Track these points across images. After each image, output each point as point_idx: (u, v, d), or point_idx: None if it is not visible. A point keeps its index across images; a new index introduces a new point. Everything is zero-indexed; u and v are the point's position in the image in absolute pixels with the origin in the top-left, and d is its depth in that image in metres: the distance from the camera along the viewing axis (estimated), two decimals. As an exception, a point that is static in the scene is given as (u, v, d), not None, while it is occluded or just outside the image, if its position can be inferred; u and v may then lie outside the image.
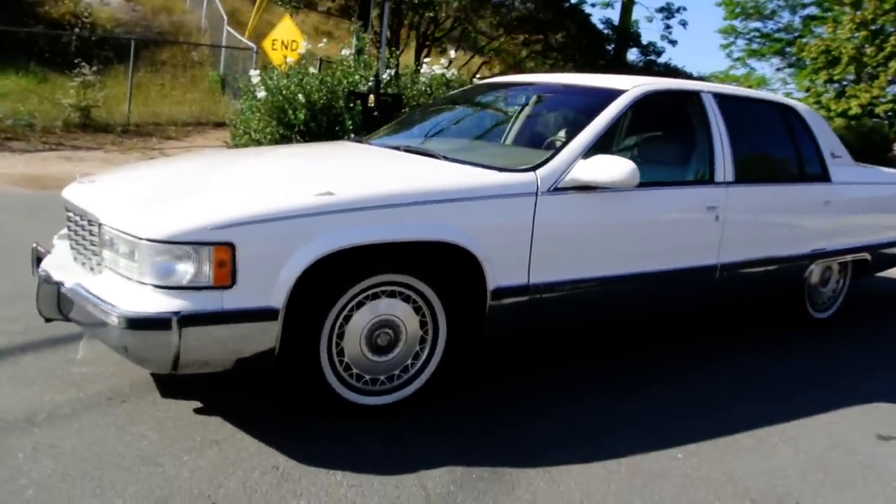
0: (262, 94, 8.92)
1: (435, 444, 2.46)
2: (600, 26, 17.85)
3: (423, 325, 2.64)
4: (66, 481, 2.10)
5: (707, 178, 3.29)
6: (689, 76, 18.88)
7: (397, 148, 3.28)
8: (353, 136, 8.87)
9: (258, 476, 2.20)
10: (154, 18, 15.94)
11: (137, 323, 2.15)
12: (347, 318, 2.49)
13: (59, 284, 2.46)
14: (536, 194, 2.73)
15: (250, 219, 2.25)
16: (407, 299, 2.59)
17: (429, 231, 2.51)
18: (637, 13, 18.91)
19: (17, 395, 2.61)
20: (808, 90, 15.60)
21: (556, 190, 2.78)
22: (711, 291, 3.42)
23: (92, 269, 2.52)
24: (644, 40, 18.65)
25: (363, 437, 2.46)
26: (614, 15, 19.75)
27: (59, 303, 2.48)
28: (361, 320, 2.51)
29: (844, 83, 14.71)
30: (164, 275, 2.19)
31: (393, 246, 2.45)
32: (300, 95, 8.84)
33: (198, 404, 2.64)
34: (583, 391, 3.00)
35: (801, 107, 3.97)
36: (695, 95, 3.42)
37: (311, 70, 9.21)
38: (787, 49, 20.42)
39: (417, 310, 2.62)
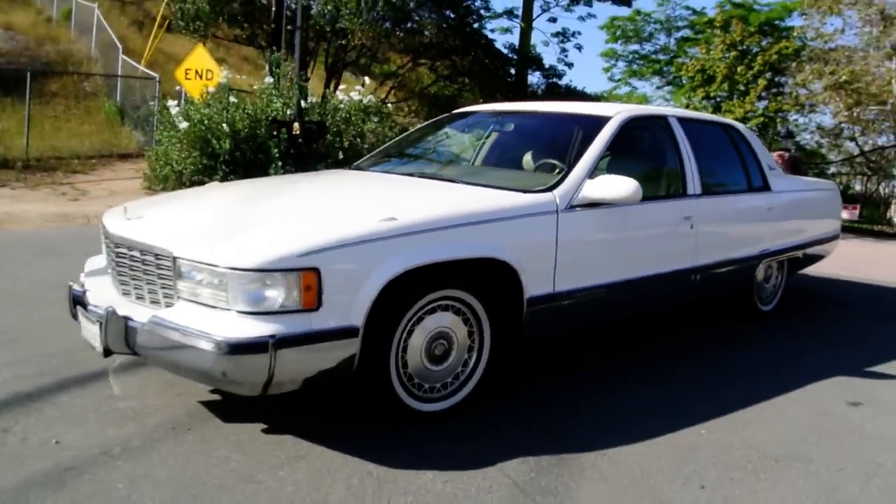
0: (183, 124, 8.81)
1: (498, 441, 2.71)
2: (504, 51, 18.75)
3: (470, 334, 2.90)
4: (184, 504, 2.19)
5: (681, 192, 3.76)
6: (590, 97, 20.13)
7: (411, 175, 3.52)
8: (282, 165, 8.93)
9: (358, 482, 2.37)
10: (39, 48, 15.16)
11: (238, 348, 2.27)
12: (410, 332, 2.70)
13: (126, 319, 2.53)
14: (557, 212, 3.07)
15: (332, 245, 2.43)
16: (457, 312, 2.84)
17: (478, 249, 2.77)
18: (534, 38, 19.98)
19: (76, 433, 2.62)
20: (686, 106, 17.01)
21: (572, 208, 3.13)
22: (690, 291, 3.88)
23: (156, 301, 2.60)
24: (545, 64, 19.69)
25: (433, 441, 2.67)
26: (514, 40, 20.73)
27: (126, 337, 2.53)
28: (422, 333, 2.73)
29: (719, 99, 16.18)
30: (256, 301, 2.33)
31: (448, 264, 2.70)
32: (224, 125, 8.82)
33: (262, 426, 2.75)
34: (600, 386, 3.35)
35: (740, 126, 4.57)
36: (663, 119, 3.90)
37: (233, 99, 9.19)
38: (665, 69, 22.21)
39: (466, 321, 2.87)
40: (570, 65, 26.19)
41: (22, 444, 2.52)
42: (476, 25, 15.61)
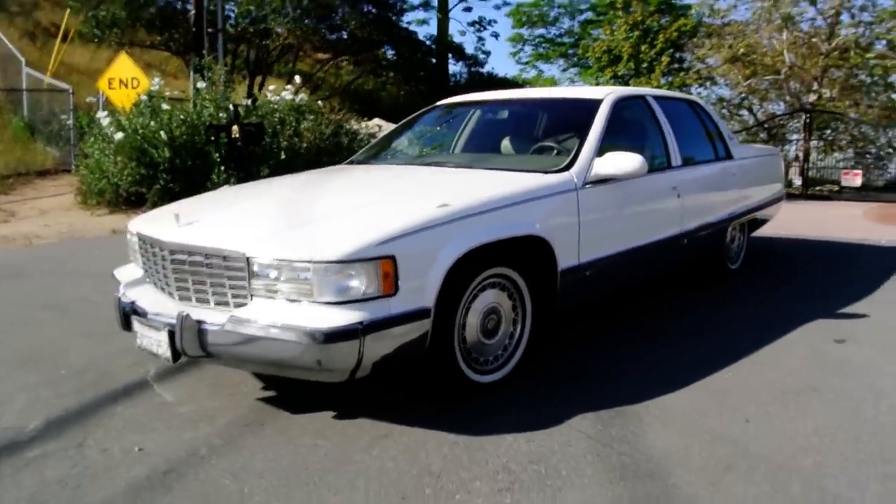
0: (118, 135, 8.53)
1: (556, 402, 2.93)
2: (426, 42, 18.88)
3: (513, 308, 3.10)
4: (297, 490, 2.29)
5: (667, 165, 4.09)
6: (513, 84, 20.52)
7: (428, 164, 3.67)
8: (224, 169, 8.78)
9: (449, 451, 2.53)
10: (-75, 66, 14.11)
11: (332, 336, 2.38)
12: (468, 310, 2.88)
13: (200, 322, 2.58)
14: (577, 190, 3.31)
15: (403, 232, 2.58)
16: (503, 288, 3.03)
17: (521, 228, 2.98)
18: (451, 28, 20.26)
19: (154, 440, 2.65)
20: (596, 86, 17.79)
21: (587, 184, 3.38)
22: (681, 254, 4.23)
23: (223, 303, 2.65)
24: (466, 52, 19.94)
25: (498, 410, 2.86)
26: (432, 31, 20.90)
27: (201, 339, 2.58)
28: (476, 310, 2.91)
29: (627, 77, 16.98)
30: (341, 291, 2.45)
31: (496, 243, 2.88)
32: (162, 133, 8.60)
33: (331, 413, 2.86)
34: (628, 346, 3.66)
35: (700, 100, 4.96)
36: (643, 98, 4.21)
37: (165, 106, 8.96)
38: (571, 51, 23.01)
39: (510, 296, 3.07)
40: (487, 53, 26.67)
41: (105, 456, 2.54)
42: (395, 19, 15.72)
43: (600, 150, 3.52)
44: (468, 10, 19.83)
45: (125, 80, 9.62)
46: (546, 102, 4.24)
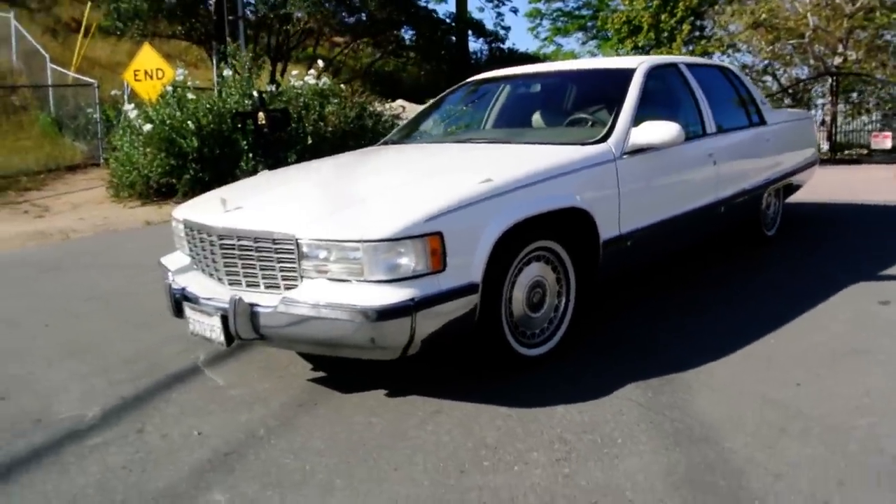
0: (147, 127, 8.62)
1: (605, 372, 2.95)
2: (446, 20, 18.72)
3: (557, 281, 3.11)
4: (357, 467, 2.34)
5: (701, 132, 4.05)
6: (534, 59, 20.33)
7: (465, 141, 3.68)
8: (252, 157, 8.84)
9: (503, 423, 2.56)
10: (-48, 64, 14.33)
11: (386, 313, 2.42)
12: (513, 284, 2.90)
13: (252, 305, 2.62)
14: (615, 160, 3.30)
15: (449, 208, 2.59)
16: (547, 261, 3.05)
17: (563, 200, 2.98)
18: (470, 5, 20.15)
19: (211, 423, 2.72)
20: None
21: (625, 155, 3.36)
22: (718, 222, 4.20)
23: (273, 286, 2.69)
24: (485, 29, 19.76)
25: (548, 383, 2.88)
26: (450, 9, 20.65)
27: (254, 322, 2.63)
28: (522, 283, 2.93)
29: (648, 48, 16.79)
30: (392, 269, 2.48)
31: (540, 217, 2.89)
32: (189, 123, 8.68)
33: (383, 391, 2.90)
34: (668, 315, 3.66)
35: (733, 67, 4.89)
36: (675, 66, 4.17)
37: (191, 96, 9.02)
38: (589, 24, 22.77)
39: (554, 269, 3.08)
40: (507, 28, 26.42)
41: (165, 441, 2.60)
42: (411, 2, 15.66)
43: (636, 120, 3.50)
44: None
45: (150, 71, 9.70)
46: (577, 74, 4.22)
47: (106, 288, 4.95)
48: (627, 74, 3.76)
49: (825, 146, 13.96)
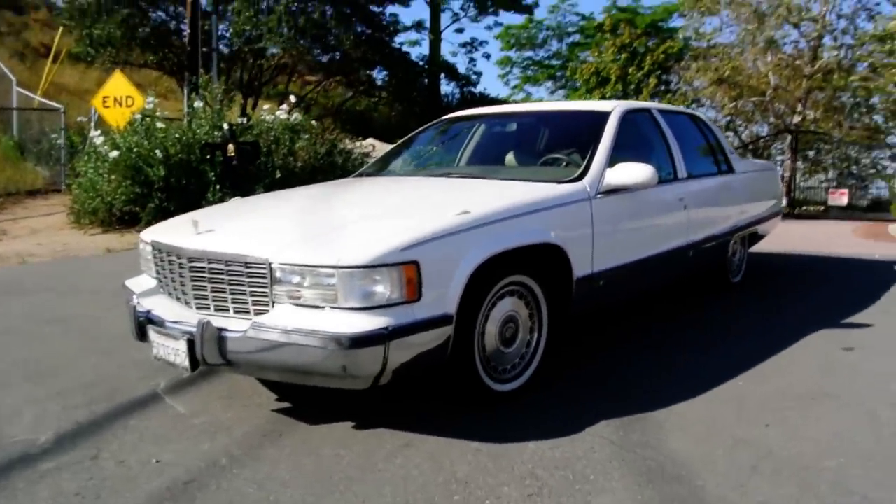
0: (114, 153, 8.50)
1: (575, 410, 2.93)
2: (419, 63, 19.04)
3: (530, 316, 3.10)
4: (324, 498, 2.26)
5: (673, 177, 4.13)
6: (505, 103, 20.75)
7: (440, 176, 3.69)
8: (220, 188, 8.75)
9: (473, 458, 2.51)
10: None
11: (359, 341, 2.37)
12: (487, 318, 2.87)
13: (220, 330, 2.56)
14: (590, 199, 3.34)
15: (426, 238, 2.58)
16: (521, 296, 3.04)
17: (539, 235, 3.00)
18: (443, 49, 20.54)
19: (171, 451, 2.62)
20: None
21: (599, 194, 3.40)
22: (688, 266, 4.26)
23: (243, 311, 2.64)
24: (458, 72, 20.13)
25: (517, 419, 2.85)
26: (424, 51, 21.03)
27: (221, 347, 2.56)
28: (495, 318, 2.91)
29: (615, 99, 17.21)
30: (367, 297, 2.44)
31: (515, 251, 2.89)
32: (157, 152, 8.59)
33: (350, 424, 2.83)
34: (640, 357, 3.65)
35: (703, 116, 5.03)
36: (648, 111, 4.27)
37: (160, 125, 8.95)
38: (559, 74, 23.31)
39: (527, 304, 3.07)
40: (479, 73, 26.98)
41: (122, 467, 2.49)
42: (387, 39, 15.86)
43: (611, 162, 3.56)
44: (460, 31, 20.21)
45: (120, 98, 9.61)
46: (553, 115, 4.29)
47: (65, 312, 4.80)
48: (603, 117, 3.83)
49: (783, 202, 14.39)
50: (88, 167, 8.95)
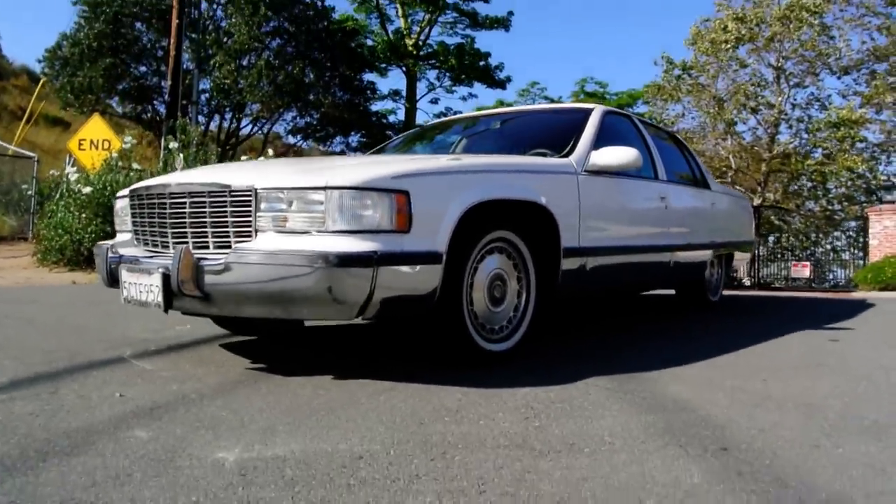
0: (87, 189, 8.38)
1: (567, 370, 2.81)
2: (396, 127, 19.46)
3: (518, 280, 3.02)
4: (304, 419, 2.10)
5: (654, 177, 4.17)
6: None
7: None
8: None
9: (462, 396, 2.36)
10: None
11: (346, 260, 2.26)
12: (475, 270, 2.79)
13: (199, 258, 2.44)
14: (577, 174, 3.34)
15: (418, 172, 2.54)
16: (509, 255, 2.97)
17: (528, 193, 2.96)
18: (419, 117, 21.06)
19: (135, 391, 2.43)
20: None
21: (585, 172, 3.41)
22: (668, 269, 4.23)
23: (224, 245, 2.52)
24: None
25: (509, 375, 2.72)
26: (399, 118, 21.44)
27: (198, 280, 2.43)
28: (483, 273, 2.83)
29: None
30: (356, 219, 2.35)
31: (503, 206, 2.85)
32: (130, 190, 8.42)
33: (329, 376, 2.67)
34: (627, 340, 3.55)
35: (678, 135, 5.15)
36: (629, 117, 4.36)
37: (136, 166, 8.89)
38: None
39: (515, 266, 3.00)
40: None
41: (81, 399, 2.30)
42: (365, 106, 16.24)
43: (595, 147, 3.59)
44: (435, 101, 20.81)
45: (96, 141, 9.55)
46: (537, 113, 4.36)
47: (28, 314, 4.56)
48: (587, 112, 3.90)
49: (748, 282, 14.55)
50: (59, 205, 8.77)
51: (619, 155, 3.45)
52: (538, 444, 1.85)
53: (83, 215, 8.46)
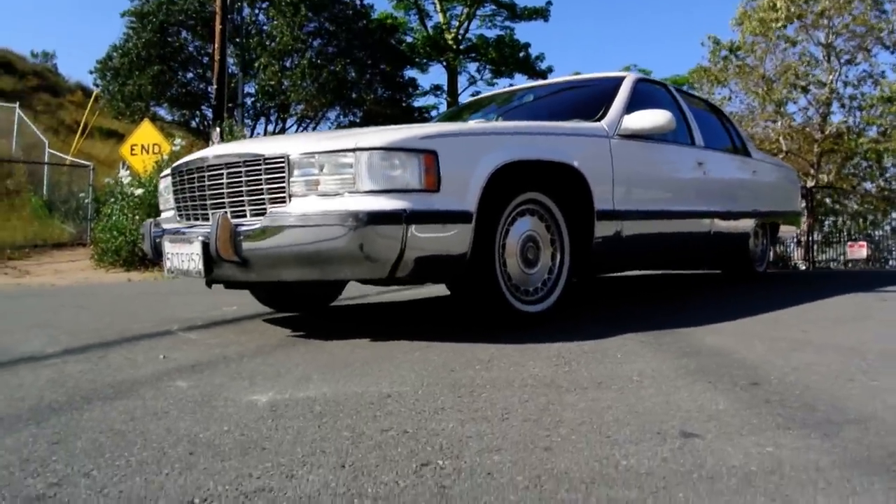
0: (139, 191, 8.67)
1: (602, 328, 2.80)
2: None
3: (552, 242, 3.02)
4: (338, 371, 2.15)
5: (691, 143, 4.11)
6: None
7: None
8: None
9: (495, 350, 2.38)
10: (-50, 152, 14.57)
11: (377, 217, 2.31)
12: (507, 232, 2.80)
13: (236, 224, 2.51)
14: (609, 138, 3.32)
15: (445, 133, 2.57)
16: (541, 217, 2.97)
17: (559, 154, 2.96)
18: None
19: (179, 354, 2.52)
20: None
21: (618, 136, 3.39)
22: (709, 238, 4.16)
23: (260, 213, 2.59)
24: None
25: (541, 332, 2.73)
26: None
27: (236, 245, 2.51)
28: (516, 234, 2.84)
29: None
30: (386, 180, 2.39)
31: (534, 167, 2.85)
32: (180, 191, 8.67)
33: (366, 339, 2.72)
34: (665, 302, 3.51)
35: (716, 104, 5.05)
36: (664, 85, 4.31)
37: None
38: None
39: (548, 228, 3.00)
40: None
41: (128, 361, 2.40)
42: (407, 102, 16.41)
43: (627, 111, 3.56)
44: (476, 94, 20.75)
45: (147, 146, 9.87)
46: (570, 84, 4.35)
47: (84, 301, 4.76)
48: (619, 80, 3.87)
49: (802, 266, 14.08)
50: (114, 208, 9.09)
51: (651, 118, 3.42)
52: (565, 384, 1.86)
53: (136, 216, 8.75)
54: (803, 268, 13.24)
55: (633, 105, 3.68)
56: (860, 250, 13.28)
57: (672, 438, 1.38)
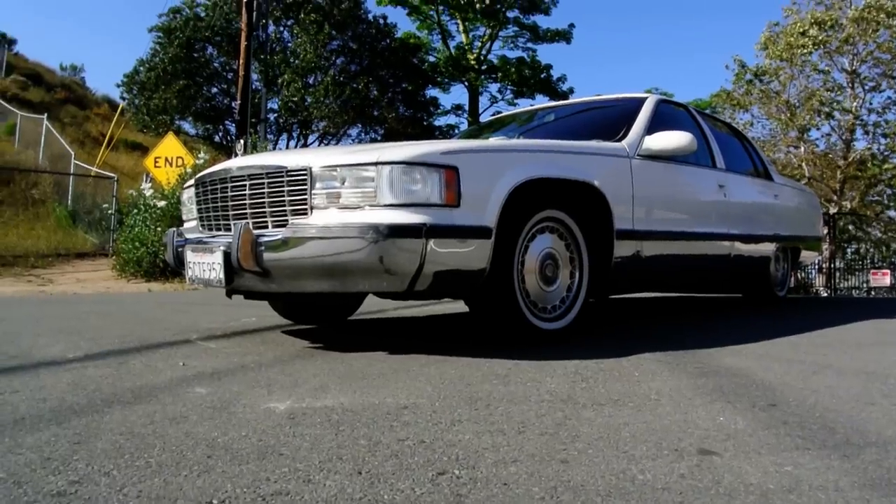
0: (162, 203, 8.79)
1: (620, 347, 2.79)
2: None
3: (571, 261, 3.02)
4: (354, 382, 2.16)
5: (712, 165, 4.11)
6: None
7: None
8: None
9: (513, 365, 2.39)
10: (-19, 160, 14.88)
11: (397, 230, 2.33)
12: (526, 249, 2.81)
13: (258, 235, 2.54)
14: (630, 158, 3.33)
15: (467, 149, 2.59)
16: (560, 235, 2.98)
17: (579, 173, 2.97)
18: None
19: (198, 362, 2.55)
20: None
21: (639, 156, 3.39)
22: (729, 260, 4.13)
23: (281, 224, 2.62)
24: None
25: (558, 349, 2.72)
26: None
27: (257, 255, 2.53)
28: (535, 252, 2.85)
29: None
30: (406, 194, 2.42)
31: (554, 185, 2.87)
32: (202, 204, 8.78)
33: (384, 352, 2.74)
34: (685, 321, 3.49)
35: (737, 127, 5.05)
36: (685, 107, 4.31)
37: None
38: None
39: (567, 247, 3.01)
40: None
41: (147, 367, 2.43)
42: (428, 121, 16.52)
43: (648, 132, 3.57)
44: (497, 114, 20.75)
45: (171, 159, 10.02)
46: (591, 104, 4.36)
47: (108, 311, 4.82)
48: (640, 100, 3.88)
49: (824, 293, 13.93)
50: (136, 219, 9.22)
51: (672, 139, 3.43)
52: (582, 399, 1.86)
53: (158, 228, 8.87)
54: (825, 294, 13.09)
55: (654, 126, 3.69)
56: (884, 278, 13.10)
57: (689, 455, 1.38)
